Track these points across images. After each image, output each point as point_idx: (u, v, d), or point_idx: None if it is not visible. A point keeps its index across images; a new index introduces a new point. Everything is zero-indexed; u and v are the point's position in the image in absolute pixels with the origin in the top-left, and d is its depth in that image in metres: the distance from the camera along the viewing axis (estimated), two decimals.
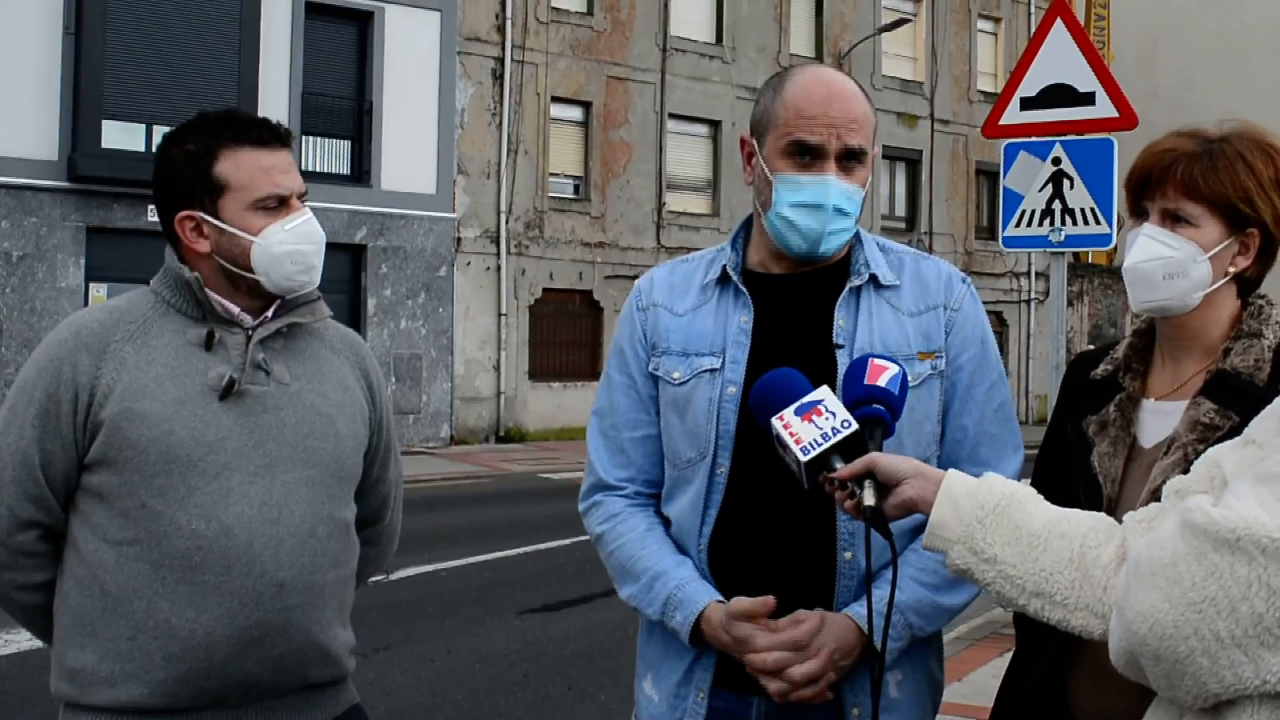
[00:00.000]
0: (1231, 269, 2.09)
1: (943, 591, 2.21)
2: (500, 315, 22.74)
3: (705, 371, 2.29)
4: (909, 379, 2.16)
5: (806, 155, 2.23)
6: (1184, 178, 2.05)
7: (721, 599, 2.20)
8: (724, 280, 2.36)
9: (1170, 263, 2.06)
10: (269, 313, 2.40)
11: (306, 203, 2.39)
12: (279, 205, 2.34)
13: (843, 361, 2.22)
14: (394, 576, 9.62)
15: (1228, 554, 1.30)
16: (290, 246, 2.33)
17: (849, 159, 2.25)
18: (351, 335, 2.61)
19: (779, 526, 2.22)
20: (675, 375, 2.32)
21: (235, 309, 2.36)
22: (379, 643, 7.53)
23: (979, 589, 2.18)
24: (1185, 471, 1.97)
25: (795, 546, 2.22)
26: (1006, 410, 2.34)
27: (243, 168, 2.32)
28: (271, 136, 2.37)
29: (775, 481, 2.14)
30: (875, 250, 2.36)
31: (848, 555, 2.20)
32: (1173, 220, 2.07)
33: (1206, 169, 2.04)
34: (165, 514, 2.21)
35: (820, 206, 2.22)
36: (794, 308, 2.31)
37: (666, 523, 2.36)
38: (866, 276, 2.31)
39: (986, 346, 2.34)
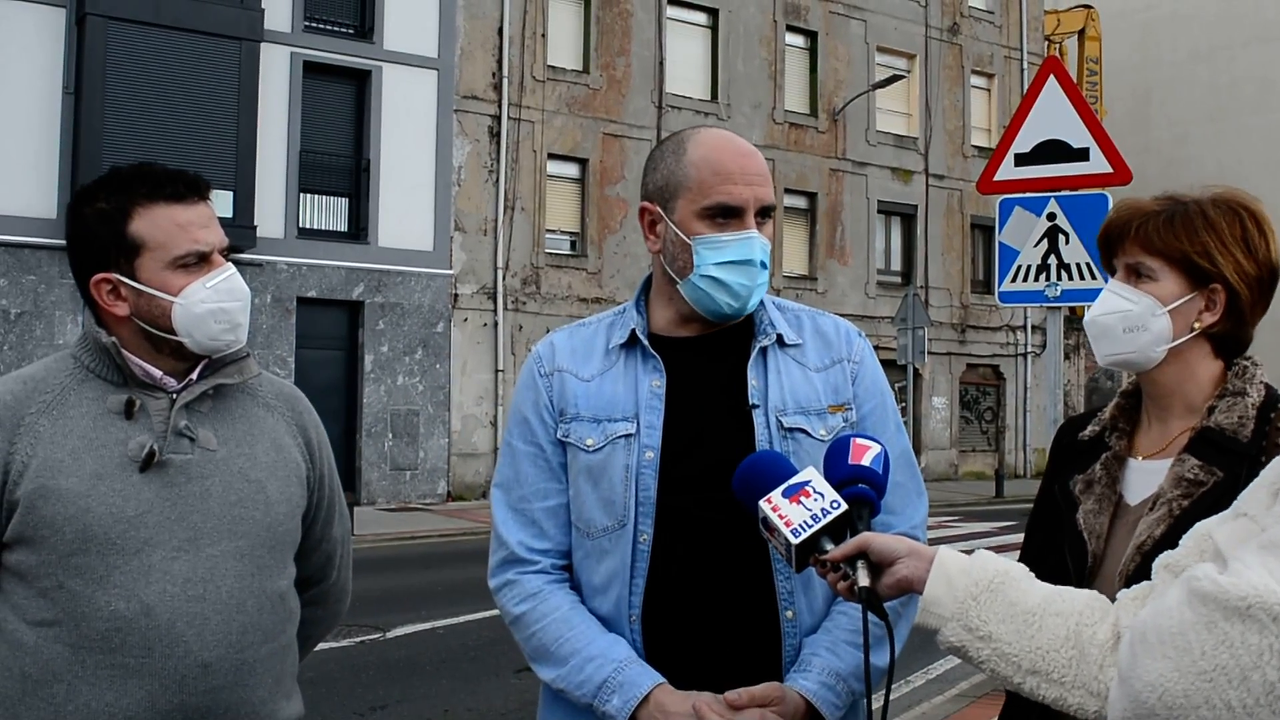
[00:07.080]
0: (1197, 325, 2.11)
1: (873, 652, 2.13)
2: (497, 371, 22.72)
3: (620, 437, 2.23)
4: (824, 433, 2.22)
5: (727, 215, 2.23)
6: (1139, 233, 2.11)
7: (663, 680, 2.14)
8: (630, 344, 2.32)
9: (1129, 316, 2.10)
10: (194, 375, 2.27)
11: (306, 259, 2.36)
12: (199, 262, 2.22)
13: (759, 421, 2.22)
14: (390, 635, 9.54)
15: (1238, 622, 1.29)
16: (214, 305, 2.21)
17: (762, 215, 2.26)
18: (288, 390, 2.47)
19: (714, 592, 2.18)
20: (589, 442, 2.25)
21: (158, 373, 2.24)
22: (375, 702, 7.36)
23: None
24: (1171, 526, 1.98)
25: (734, 611, 2.18)
26: (908, 457, 2.34)
27: (159, 225, 2.20)
28: (188, 190, 2.24)
29: (702, 547, 2.13)
30: (774, 310, 2.37)
31: (789, 614, 2.19)
32: (1134, 275, 2.13)
33: (1163, 225, 2.09)
34: (84, 594, 2.10)
35: (749, 262, 2.23)
36: (705, 370, 2.29)
37: (582, 596, 2.28)
38: (774, 336, 2.31)
39: (886, 397, 2.37)
